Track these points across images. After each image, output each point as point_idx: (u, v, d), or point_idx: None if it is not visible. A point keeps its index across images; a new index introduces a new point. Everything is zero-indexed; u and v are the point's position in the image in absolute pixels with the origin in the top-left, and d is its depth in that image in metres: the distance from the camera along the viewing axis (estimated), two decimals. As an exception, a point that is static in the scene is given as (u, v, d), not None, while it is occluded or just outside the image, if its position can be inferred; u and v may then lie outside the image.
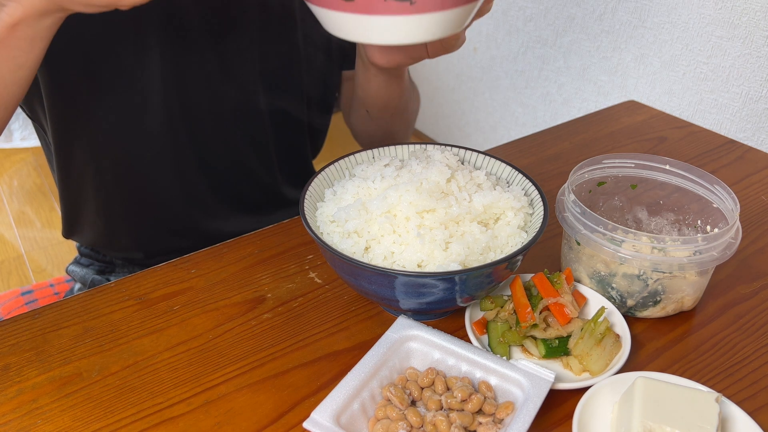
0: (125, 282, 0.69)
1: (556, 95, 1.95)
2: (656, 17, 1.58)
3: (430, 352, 0.57)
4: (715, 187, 0.67)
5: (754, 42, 1.39)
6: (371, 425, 0.51)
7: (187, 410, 0.54)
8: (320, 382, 0.57)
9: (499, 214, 0.62)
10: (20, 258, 2.05)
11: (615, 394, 0.54)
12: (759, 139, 1.45)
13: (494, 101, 2.20)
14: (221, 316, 0.64)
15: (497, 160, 0.68)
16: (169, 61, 0.77)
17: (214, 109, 0.83)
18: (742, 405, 0.54)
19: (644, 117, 1.07)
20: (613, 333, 0.59)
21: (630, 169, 0.71)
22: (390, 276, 0.54)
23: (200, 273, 0.70)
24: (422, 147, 0.69)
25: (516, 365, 0.54)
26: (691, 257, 0.59)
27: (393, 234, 0.58)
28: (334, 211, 0.61)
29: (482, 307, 0.62)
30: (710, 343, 0.62)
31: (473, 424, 0.51)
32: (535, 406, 0.51)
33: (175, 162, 0.84)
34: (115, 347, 0.60)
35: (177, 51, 0.77)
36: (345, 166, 0.68)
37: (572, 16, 1.79)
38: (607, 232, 0.61)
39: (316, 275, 0.70)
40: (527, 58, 2.00)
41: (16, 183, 2.45)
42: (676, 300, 0.63)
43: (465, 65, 2.27)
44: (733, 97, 1.47)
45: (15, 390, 0.56)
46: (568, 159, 0.94)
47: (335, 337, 0.62)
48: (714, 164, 0.93)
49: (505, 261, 0.54)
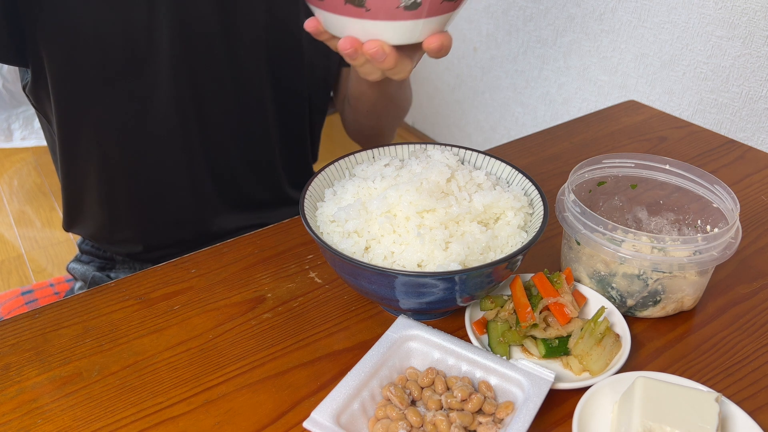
0: (125, 282, 0.69)
1: (556, 95, 1.95)
2: (656, 17, 1.58)
3: (430, 352, 0.57)
4: (715, 187, 0.67)
5: (754, 42, 1.39)
6: (371, 425, 0.51)
7: (187, 410, 0.54)
8: (320, 382, 0.57)
9: (499, 214, 0.62)
10: (20, 258, 2.05)
11: (615, 394, 0.54)
12: (759, 139, 1.45)
13: (494, 101, 2.20)
14: (221, 315, 0.64)
15: (497, 160, 0.68)
16: (179, 50, 0.77)
17: (223, 98, 0.84)
18: (742, 405, 0.54)
19: (644, 117, 1.07)
20: (613, 333, 0.59)
21: (630, 169, 0.71)
22: (390, 276, 0.54)
23: (200, 273, 0.70)
24: (422, 147, 0.69)
25: (516, 365, 0.54)
26: (691, 257, 0.59)
27: (393, 234, 0.58)
28: (334, 210, 0.61)
29: (482, 306, 0.62)
30: (710, 343, 0.62)
31: (473, 423, 0.51)
32: (535, 405, 0.51)
33: (182, 152, 0.84)
34: (116, 347, 0.60)
35: (187, 41, 0.78)
36: (345, 166, 0.68)
37: (572, 16, 1.79)
38: (607, 232, 0.61)
39: (316, 275, 0.70)
40: (527, 58, 2.00)
41: (16, 183, 2.45)
42: (676, 300, 0.63)
43: (465, 65, 2.27)
44: (733, 97, 1.47)
45: (15, 390, 0.56)
46: (568, 159, 0.94)
47: (335, 337, 0.62)
48: (714, 164, 0.93)
49: (505, 261, 0.54)
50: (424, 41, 0.57)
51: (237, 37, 0.81)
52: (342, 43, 0.56)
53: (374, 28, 0.55)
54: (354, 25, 0.55)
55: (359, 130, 1.01)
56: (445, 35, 0.58)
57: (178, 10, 0.76)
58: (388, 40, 0.56)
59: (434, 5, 0.54)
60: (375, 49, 0.56)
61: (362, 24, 0.54)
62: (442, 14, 0.55)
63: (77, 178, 0.85)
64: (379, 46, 0.56)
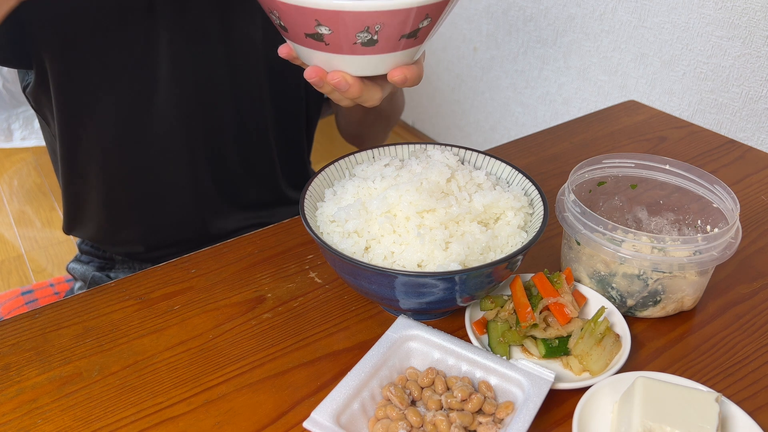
0: (125, 282, 0.69)
1: (556, 95, 1.94)
2: (656, 17, 1.58)
3: (430, 352, 0.57)
4: (715, 187, 0.67)
5: (754, 42, 1.39)
6: (371, 425, 0.51)
7: (187, 410, 0.54)
8: (320, 382, 0.57)
9: (499, 214, 0.62)
10: (20, 258, 2.05)
11: (615, 394, 0.54)
12: (759, 139, 1.45)
13: (494, 101, 2.20)
14: (221, 315, 0.64)
15: (497, 160, 0.68)
16: (178, 49, 0.77)
17: (221, 98, 0.84)
18: (742, 405, 0.54)
19: (644, 117, 1.07)
20: (613, 333, 0.59)
21: (630, 169, 0.71)
22: (390, 276, 0.54)
23: (200, 273, 0.70)
24: (422, 147, 0.69)
25: (516, 365, 0.54)
26: (691, 257, 0.59)
27: (393, 234, 0.58)
28: (334, 210, 0.61)
29: (482, 306, 0.62)
30: (710, 343, 0.62)
31: (473, 423, 0.51)
32: (535, 405, 0.51)
33: (183, 152, 0.84)
34: (115, 347, 0.60)
35: (187, 39, 0.78)
36: (345, 166, 0.68)
37: (572, 16, 1.79)
38: (607, 232, 0.61)
39: (316, 275, 0.70)
40: (527, 58, 2.00)
41: (16, 183, 2.45)
42: (676, 300, 0.63)
43: (465, 65, 2.27)
44: (733, 97, 1.47)
45: (15, 390, 0.56)
46: (568, 159, 0.94)
47: (335, 337, 0.62)
48: (714, 164, 0.93)
49: (505, 261, 0.54)
50: (388, 74, 0.58)
51: (236, 39, 0.81)
52: (307, 72, 0.58)
53: (335, 61, 0.56)
54: (318, 55, 0.56)
55: (351, 134, 1.04)
56: (410, 68, 0.58)
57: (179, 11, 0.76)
58: (350, 72, 0.57)
59: (391, 43, 0.54)
60: (338, 79, 0.57)
61: (325, 56, 0.56)
62: (401, 50, 0.56)
63: (78, 180, 0.85)
64: (342, 77, 0.57)
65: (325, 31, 0.52)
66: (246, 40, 0.82)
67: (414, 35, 0.55)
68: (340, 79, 0.57)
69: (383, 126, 0.99)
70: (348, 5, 0.50)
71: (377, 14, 0.51)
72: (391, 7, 0.50)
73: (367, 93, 0.60)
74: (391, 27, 0.52)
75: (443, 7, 0.54)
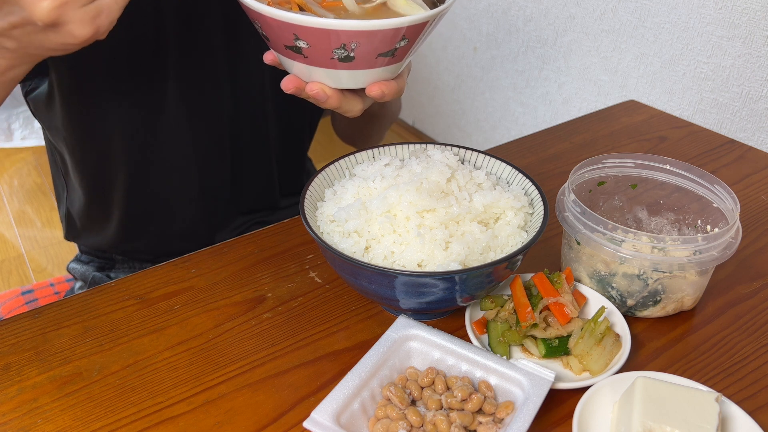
0: (125, 281, 0.69)
1: (556, 95, 1.94)
2: (656, 17, 1.58)
3: (430, 352, 0.57)
4: (715, 187, 0.67)
5: (754, 42, 1.39)
6: (371, 425, 0.51)
7: (187, 410, 0.54)
8: (320, 381, 0.57)
9: (499, 213, 0.62)
10: (20, 257, 2.05)
11: (615, 394, 0.54)
12: (759, 139, 1.45)
13: (494, 101, 2.20)
14: (221, 315, 0.64)
15: (497, 160, 0.68)
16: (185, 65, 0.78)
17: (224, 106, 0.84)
18: (742, 405, 0.54)
19: (644, 117, 1.07)
20: (613, 333, 0.59)
21: (630, 168, 0.71)
22: (390, 276, 0.54)
23: (200, 272, 0.70)
24: (422, 147, 0.69)
25: (516, 365, 0.54)
26: (691, 257, 0.59)
27: (393, 234, 0.58)
28: (334, 210, 0.61)
29: (482, 306, 0.62)
30: (710, 342, 0.62)
31: (473, 423, 0.51)
32: (535, 405, 0.51)
33: (191, 165, 0.85)
34: (116, 347, 0.60)
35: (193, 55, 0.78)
36: (345, 165, 0.68)
37: (572, 16, 1.79)
38: (607, 232, 0.61)
39: (316, 275, 0.70)
40: (527, 58, 2.00)
41: (16, 182, 2.45)
42: (676, 300, 0.63)
43: (465, 65, 2.27)
44: (733, 96, 1.47)
45: (15, 389, 0.56)
46: (568, 159, 0.94)
47: (335, 336, 0.62)
48: (714, 164, 0.93)
49: (505, 261, 0.54)
50: (366, 88, 0.58)
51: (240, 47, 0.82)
52: (284, 82, 0.58)
53: (314, 73, 0.56)
54: (298, 66, 0.57)
55: (346, 135, 1.05)
56: (388, 84, 0.58)
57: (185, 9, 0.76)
58: (329, 84, 0.57)
59: (368, 60, 0.55)
60: (316, 91, 0.57)
61: (305, 67, 0.56)
62: (379, 67, 0.56)
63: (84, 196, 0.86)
64: (320, 89, 0.57)
65: (304, 45, 0.53)
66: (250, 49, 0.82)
67: (392, 54, 0.55)
68: (319, 90, 0.57)
69: (377, 128, 1.00)
70: (323, 23, 0.50)
71: (352, 33, 0.51)
72: (366, 28, 0.51)
73: (347, 104, 0.60)
74: (367, 45, 0.53)
75: (421, 29, 0.54)
